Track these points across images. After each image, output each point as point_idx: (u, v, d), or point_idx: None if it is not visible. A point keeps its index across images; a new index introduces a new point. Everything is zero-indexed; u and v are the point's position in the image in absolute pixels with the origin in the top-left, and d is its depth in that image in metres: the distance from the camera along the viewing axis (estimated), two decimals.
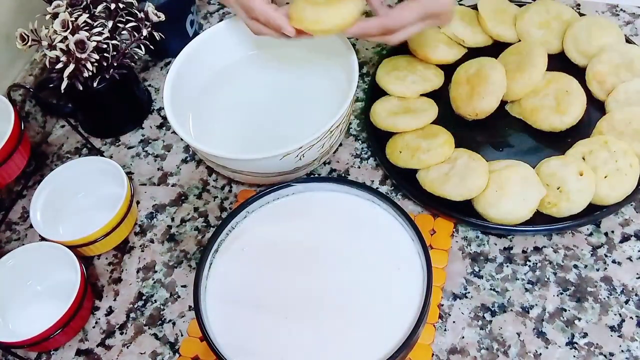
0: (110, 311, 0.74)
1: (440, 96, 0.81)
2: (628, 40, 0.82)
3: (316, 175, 0.81)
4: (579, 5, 0.92)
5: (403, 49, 0.85)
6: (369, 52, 0.92)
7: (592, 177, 0.69)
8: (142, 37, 0.82)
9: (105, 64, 0.81)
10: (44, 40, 0.77)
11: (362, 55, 0.92)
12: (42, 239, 0.75)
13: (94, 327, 0.73)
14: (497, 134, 0.79)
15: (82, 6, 0.79)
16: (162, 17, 0.82)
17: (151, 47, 0.84)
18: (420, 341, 0.64)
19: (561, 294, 0.68)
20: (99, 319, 0.74)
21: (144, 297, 0.75)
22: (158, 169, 0.86)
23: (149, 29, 0.82)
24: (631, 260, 0.70)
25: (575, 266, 0.70)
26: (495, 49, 0.84)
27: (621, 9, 0.90)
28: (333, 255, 0.67)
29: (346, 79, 0.77)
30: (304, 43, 0.82)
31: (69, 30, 0.76)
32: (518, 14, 0.85)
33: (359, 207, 0.69)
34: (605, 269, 0.69)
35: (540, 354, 0.65)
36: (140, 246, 0.79)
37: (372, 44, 0.93)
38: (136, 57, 0.85)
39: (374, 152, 0.80)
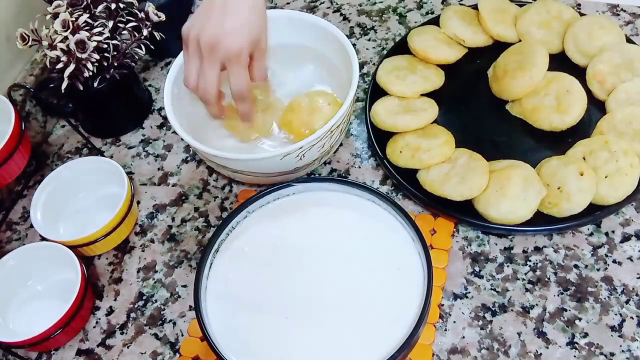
0: (110, 311, 0.74)
1: (440, 96, 0.81)
2: (628, 40, 0.82)
3: (317, 175, 0.81)
4: (579, 5, 0.91)
5: (403, 49, 0.85)
6: (369, 52, 0.92)
7: (593, 177, 0.69)
8: (142, 37, 0.82)
9: (105, 64, 0.81)
10: (45, 40, 0.77)
11: (363, 55, 0.92)
12: (43, 238, 0.75)
13: (94, 327, 0.73)
14: (497, 134, 0.79)
15: (82, 6, 0.79)
16: (163, 17, 0.82)
17: (151, 47, 0.84)
18: (420, 341, 0.64)
19: (562, 293, 0.68)
20: (100, 319, 0.74)
21: (144, 297, 0.75)
22: (158, 169, 0.86)
23: (150, 29, 0.82)
24: (632, 260, 0.70)
25: (576, 266, 0.70)
26: (496, 48, 0.84)
27: (622, 9, 0.90)
28: (333, 255, 0.67)
29: (346, 78, 0.77)
30: (303, 43, 0.83)
31: (69, 30, 0.76)
32: (518, 14, 0.85)
33: (359, 207, 0.69)
34: (606, 268, 0.69)
35: (541, 354, 0.65)
36: (141, 246, 0.79)
37: (372, 44, 0.93)
38: (136, 57, 0.85)
39: (374, 152, 0.80)
